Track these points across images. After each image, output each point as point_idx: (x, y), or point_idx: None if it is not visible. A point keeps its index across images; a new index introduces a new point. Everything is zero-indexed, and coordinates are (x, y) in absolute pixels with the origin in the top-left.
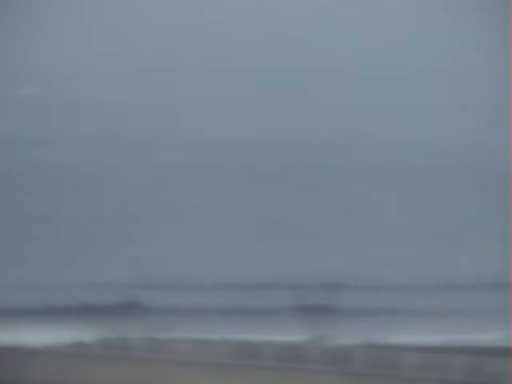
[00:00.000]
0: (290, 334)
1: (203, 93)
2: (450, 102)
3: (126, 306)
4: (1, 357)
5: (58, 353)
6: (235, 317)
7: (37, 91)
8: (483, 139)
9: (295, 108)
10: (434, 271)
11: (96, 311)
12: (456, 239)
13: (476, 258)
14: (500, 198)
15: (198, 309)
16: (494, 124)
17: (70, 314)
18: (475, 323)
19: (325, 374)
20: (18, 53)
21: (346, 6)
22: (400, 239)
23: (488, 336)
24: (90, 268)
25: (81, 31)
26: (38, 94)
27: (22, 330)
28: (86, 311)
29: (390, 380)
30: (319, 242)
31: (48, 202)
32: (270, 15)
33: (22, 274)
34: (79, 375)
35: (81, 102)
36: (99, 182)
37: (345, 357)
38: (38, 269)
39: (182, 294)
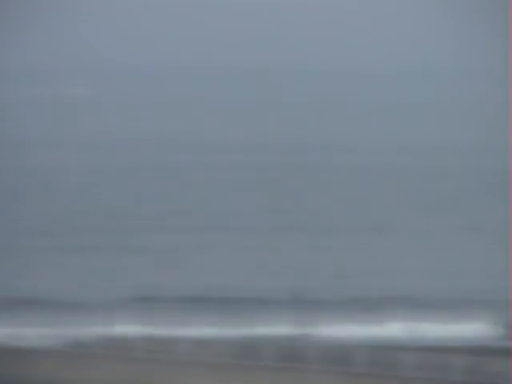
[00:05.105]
0: None
1: (215, 93)
2: (449, 101)
3: None
4: (1, 357)
5: (58, 353)
6: None
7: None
8: (483, 139)
9: (296, 107)
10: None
11: None
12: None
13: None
14: (501, 199)
15: None
16: (494, 124)
17: None
18: None
19: (325, 374)
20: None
21: (346, 5)
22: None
23: None
24: None
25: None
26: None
27: None
28: None
29: (390, 380)
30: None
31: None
32: (270, 14)
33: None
34: (79, 375)
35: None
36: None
37: (345, 357)
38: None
39: None
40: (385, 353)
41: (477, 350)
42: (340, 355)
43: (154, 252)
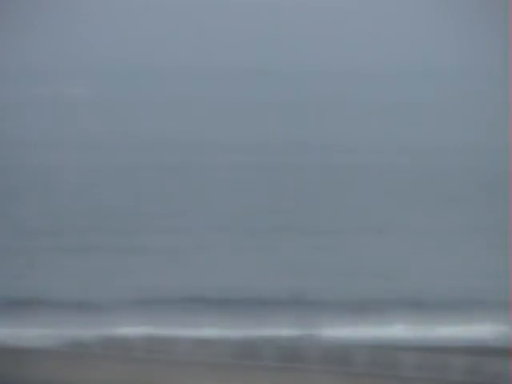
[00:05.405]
0: None
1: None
2: (449, 101)
3: None
4: (1, 357)
5: (58, 353)
6: None
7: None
8: (483, 139)
9: (296, 108)
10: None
11: None
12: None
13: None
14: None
15: None
16: (494, 124)
17: None
18: None
19: (325, 373)
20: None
21: (346, 5)
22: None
23: None
24: None
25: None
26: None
27: None
28: None
29: (390, 380)
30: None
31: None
32: (270, 14)
33: None
34: (79, 375)
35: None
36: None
37: (345, 357)
38: None
39: None
40: (385, 353)
41: (477, 350)
42: (340, 355)
43: (154, 252)
